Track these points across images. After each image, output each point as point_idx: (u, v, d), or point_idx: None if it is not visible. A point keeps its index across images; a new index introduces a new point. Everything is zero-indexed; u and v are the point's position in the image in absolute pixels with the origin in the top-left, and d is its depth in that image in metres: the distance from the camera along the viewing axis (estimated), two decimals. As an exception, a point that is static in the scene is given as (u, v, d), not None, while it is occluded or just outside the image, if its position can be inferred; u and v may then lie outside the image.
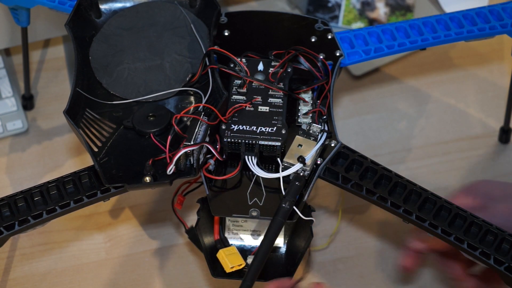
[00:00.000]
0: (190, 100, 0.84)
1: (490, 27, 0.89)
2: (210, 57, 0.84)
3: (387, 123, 1.04)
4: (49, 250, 0.93)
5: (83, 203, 0.79)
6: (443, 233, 0.78)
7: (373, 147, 1.02)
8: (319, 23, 0.89)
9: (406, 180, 0.80)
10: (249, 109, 0.81)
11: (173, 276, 0.91)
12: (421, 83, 1.08)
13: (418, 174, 0.99)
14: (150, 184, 0.77)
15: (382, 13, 1.11)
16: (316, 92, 0.84)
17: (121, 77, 0.85)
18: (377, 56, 0.88)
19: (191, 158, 0.77)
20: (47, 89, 1.06)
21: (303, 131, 0.81)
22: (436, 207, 0.78)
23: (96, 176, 0.79)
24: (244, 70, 0.83)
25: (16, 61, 1.08)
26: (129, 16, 0.89)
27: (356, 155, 0.80)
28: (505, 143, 1.03)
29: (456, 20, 0.90)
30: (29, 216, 0.78)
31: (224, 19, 0.89)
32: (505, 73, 1.09)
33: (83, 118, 0.82)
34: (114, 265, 0.92)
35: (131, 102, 0.84)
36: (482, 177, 0.99)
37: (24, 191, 0.79)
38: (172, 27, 0.88)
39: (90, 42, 0.87)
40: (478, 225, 0.78)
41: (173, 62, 0.86)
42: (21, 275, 0.91)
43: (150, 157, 0.77)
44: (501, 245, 0.77)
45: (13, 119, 1.02)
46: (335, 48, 0.87)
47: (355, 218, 0.96)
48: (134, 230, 0.94)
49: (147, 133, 0.80)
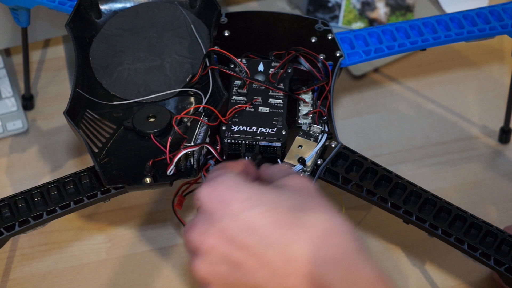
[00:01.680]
0: (190, 100, 0.84)
1: (490, 27, 0.89)
2: (210, 58, 0.84)
3: (387, 123, 1.04)
4: (49, 251, 0.93)
5: (83, 204, 0.79)
6: (443, 234, 0.78)
7: (373, 147, 1.02)
8: (319, 23, 0.89)
9: (406, 181, 0.80)
10: (249, 110, 0.81)
11: (173, 276, 0.91)
12: (421, 83, 1.08)
13: (418, 174, 0.99)
14: (151, 185, 0.77)
15: (382, 13, 1.11)
16: (316, 92, 0.85)
17: (121, 77, 0.85)
18: (378, 56, 0.88)
19: (191, 159, 0.77)
20: (47, 89, 1.06)
21: (303, 132, 0.81)
22: (436, 208, 0.78)
23: (96, 177, 0.79)
24: (244, 71, 0.83)
25: (16, 61, 1.08)
26: (129, 16, 0.89)
27: (356, 156, 0.80)
28: (505, 143, 1.03)
29: (456, 21, 0.90)
30: (29, 217, 0.78)
31: (224, 20, 0.89)
32: (505, 73, 1.09)
33: (83, 119, 0.82)
34: (114, 265, 0.92)
35: (131, 102, 0.84)
36: (482, 177, 0.99)
37: (24, 192, 0.79)
38: (172, 28, 0.88)
39: (90, 42, 0.87)
40: (478, 226, 0.78)
41: (173, 63, 0.86)
42: (21, 276, 0.91)
43: (150, 158, 0.77)
44: (501, 246, 0.77)
45: (13, 119, 1.02)
46: (335, 48, 0.87)
47: (355, 219, 0.96)
48: (134, 230, 0.94)
49: (147, 134, 0.80)
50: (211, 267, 0.64)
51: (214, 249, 0.63)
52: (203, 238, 0.64)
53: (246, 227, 0.62)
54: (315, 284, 0.61)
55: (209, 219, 0.64)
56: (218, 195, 0.64)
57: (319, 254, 0.61)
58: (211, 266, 0.64)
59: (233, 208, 0.63)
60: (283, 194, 0.64)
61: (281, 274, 0.62)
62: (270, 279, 0.62)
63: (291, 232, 0.62)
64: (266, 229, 0.62)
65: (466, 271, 0.92)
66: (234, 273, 0.63)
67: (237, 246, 0.63)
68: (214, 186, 0.64)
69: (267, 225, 0.62)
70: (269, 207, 0.63)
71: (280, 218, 0.62)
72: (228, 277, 0.64)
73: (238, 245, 0.63)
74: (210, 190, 0.64)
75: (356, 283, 0.61)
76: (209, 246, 0.63)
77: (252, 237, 0.62)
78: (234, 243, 0.63)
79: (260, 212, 0.63)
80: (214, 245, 0.63)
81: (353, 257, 0.62)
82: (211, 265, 0.64)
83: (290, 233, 0.62)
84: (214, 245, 0.63)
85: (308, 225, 0.62)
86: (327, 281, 0.61)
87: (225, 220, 0.63)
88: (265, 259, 0.62)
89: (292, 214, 0.63)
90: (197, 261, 0.64)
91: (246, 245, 0.62)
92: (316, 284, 0.61)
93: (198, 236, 0.64)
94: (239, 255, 0.63)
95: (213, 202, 0.64)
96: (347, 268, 0.61)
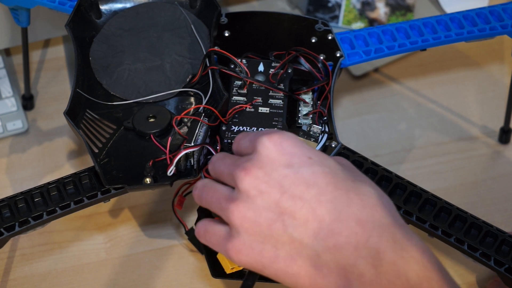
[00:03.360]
0: (190, 101, 0.84)
1: (491, 27, 0.89)
2: (211, 58, 0.84)
3: (387, 123, 1.04)
4: (49, 251, 0.93)
5: (84, 204, 0.79)
6: (444, 235, 0.78)
7: (373, 147, 1.02)
8: (320, 23, 0.89)
9: (406, 181, 0.80)
10: (249, 110, 0.81)
11: (173, 276, 0.91)
12: (421, 83, 1.08)
13: (418, 174, 0.99)
14: (151, 185, 0.77)
15: (382, 13, 1.11)
16: (316, 93, 0.84)
17: (121, 78, 0.85)
18: (378, 56, 0.88)
19: (191, 159, 0.77)
20: (47, 89, 1.06)
21: (303, 132, 0.81)
22: (437, 209, 0.79)
23: (96, 177, 0.79)
24: (244, 71, 0.83)
25: (16, 61, 1.08)
26: (129, 16, 0.89)
27: (356, 156, 0.80)
28: (505, 143, 1.03)
29: (456, 21, 0.90)
30: (30, 217, 0.78)
31: (225, 20, 0.89)
32: (505, 73, 1.09)
33: (83, 119, 0.82)
34: (114, 266, 0.92)
35: (131, 103, 0.84)
36: (482, 178, 0.99)
37: (24, 192, 0.79)
38: (172, 28, 0.88)
39: (90, 42, 0.87)
40: (479, 226, 0.78)
41: (173, 63, 0.86)
42: (21, 276, 0.91)
43: (151, 158, 0.77)
44: (501, 247, 0.77)
45: (13, 119, 1.02)
46: (336, 48, 0.87)
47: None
48: (134, 231, 0.94)
49: (147, 134, 0.80)
50: (255, 212, 0.64)
51: (266, 194, 0.64)
52: (258, 182, 0.64)
53: (305, 181, 0.63)
54: (361, 245, 0.62)
55: (267, 166, 0.64)
56: (281, 147, 0.65)
57: (369, 220, 0.62)
58: (255, 211, 0.64)
59: (295, 162, 0.64)
60: (338, 164, 0.66)
61: (329, 230, 0.62)
62: (317, 233, 0.63)
63: (346, 195, 0.63)
64: (324, 186, 0.63)
65: (466, 271, 0.92)
66: (279, 222, 0.63)
67: (291, 195, 0.63)
68: (278, 139, 0.65)
69: (325, 183, 0.63)
70: (329, 170, 0.64)
71: (338, 181, 0.64)
72: (268, 225, 0.63)
73: (293, 195, 0.63)
74: (274, 141, 0.65)
75: (404, 248, 0.61)
76: (261, 191, 0.64)
77: (310, 191, 0.63)
78: (288, 193, 0.63)
79: (321, 171, 0.64)
80: (267, 190, 0.64)
81: (400, 228, 0.63)
82: (256, 210, 0.64)
83: (345, 196, 0.63)
84: (267, 190, 0.64)
85: (361, 193, 0.64)
86: (375, 242, 0.61)
87: (285, 170, 0.64)
88: (318, 212, 0.63)
89: (347, 181, 0.64)
90: (239, 202, 0.64)
91: (301, 197, 0.63)
92: (362, 245, 0.62)
93: (253, 179, 0.64)
94: (291, 204, 0.63)
95: (275, 152, 0.65)
96: (395, 235, 0.62)
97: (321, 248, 0.62)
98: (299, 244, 0.63)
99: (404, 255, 0.61)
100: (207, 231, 0.68)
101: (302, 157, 0.65)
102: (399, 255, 0.61)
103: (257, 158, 0.65)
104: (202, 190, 0.69)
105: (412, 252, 0.62)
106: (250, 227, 0.64)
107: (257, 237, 0.64)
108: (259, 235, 0.64)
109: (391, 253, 0.61)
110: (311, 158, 0.65)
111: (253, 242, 0.64)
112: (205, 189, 0.68)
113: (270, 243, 0.64)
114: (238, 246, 0.65)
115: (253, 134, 0.67)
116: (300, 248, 0.63)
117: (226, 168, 0.67)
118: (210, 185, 0.68)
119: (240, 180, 0.64)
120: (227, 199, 0.65)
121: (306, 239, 0.63)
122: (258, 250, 0.64)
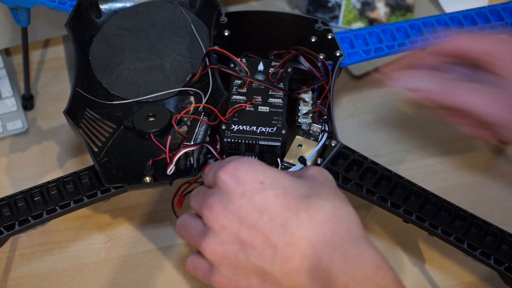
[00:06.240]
0: (190, 100, 0.84)
1: (491, 27, 0.89)
2: (210, 57, 0.84)
3: (387, 123, 1.04)
4: (49, 250, 0.93)
5: (83, 203, 0.79)
6: (443, 233, 0.78)
7: (373, 147, 1.02)
8: (319, 23, 0.89)
9: (406, 180, 0.80)
10: (249, 109, 0.81)
11: (173, 276, 0.91)
12: (421, 83, 1.08)
13: (418, 174, 0.99)
14: (150, 184, 0.77)
15: (382, 13, 1.11)
16: (316, 92, 0.85)
17: (121, 77, 0.85)
18: (377, 56, 0.88)
19: (191, 158, 0.77)
20: (47, 89, 1.06)
21: (303, 131, 0.81)
22: (436, 207, 0.79)
23: (96, 176, 0.79)
24: (244, 70, 0.84)
25: (16, 61, 1.08)
26: (129, 16, 0.89)
27: (356, 155, 0.80)
28: (505, 143, 1.03)
29: (456, 20, 0.90)
30: (29, 216, 0.78)
31: (224, 19, 0.89)
32: (505, 73, 1.09)
33: (83, 118, 0.82)
34: (114, 265, 0.92)
35: (131, 102, 0.84)
36: (482, 177, 0.99)
37: (24, 191, 0.79)
38: (172, 27, 0.88)
39: (90, 42, 0.87)
40: (478, 225, 0.78)
41: (173, 62, 0.86)
42: (21, 275, 0.91)
43: (150, 157, 0.77)
44: (501, 245, 0.77)
45: (13, 119, 1.02)
46: (335, 48, 0.87)
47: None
48: (134, 230, 0.94)
49: (147, 133, 0.80)
50: (222, 246, 0.65)
51: (227, 228, 0.65)
52: (219, 217, 0.66)
53: (257, 208, 0.64)
54: (314, 267, 0.62)
55: (225, 199, 0.66)
56: (235, 177, 0.66)
57: (319, 238, 0.63)
58: (221, 245, 0.65)
59: (248, 190, 0.65)
60: (296, 182, 0.66)
61: (283, 256, 0.63)
62: (273, 260, 0.64)
63: (296, 216, 0.64)
64: (275, 210, 0.64)
65: (466, 271, 0.91)
66: (242, 253, 0.65)
67: (248, 226, 0.64)
68: (233, 169, 0.66)
69: (276, 207, 0.64)
70: (281, 191, 0.65)
71: (289, 202, 0.64)
72: (236, 257, 0.65)
73: (249, 225, 0.64)
74: (229, 172, 0.66)
75: (356, 267, 0.61)
76: (223, 225, 0.65)
77: (262, 218, 0.64)
78: (245, 223, 0.65)
79: (272, 195, 0.65)
80: (228, 224, 0.65)
81: (353, 243, 0.63)
82: (222, 245, 0.65)
83: (295, 217, 0.64)
84: (228, 224, 0.65)
85: (313, 211, 0.64)
86: (326, 264, 0.62)
87: (240, 200, 0.65)
88: (271, 239, 0.64)
89: (300, 199, 0.65)
90: (208, 239, 0.66)
91: (256, 225, 0.64)
92: (315, 268, 0.62)
93: (214, 215, 0.66)
94: (248, 234, 0.64)
95: (230, 184, 0.66)
96: (347, 252, 0.62)
97: (279, 275, 0.64)
98: (263, 272, 0.64)
99: (355, 276, 0.61)
100: (195, 266, 0.70)
101: (254, 184, 0.66)
102: (350, 277, 0.61)
103: (217, 193, 0.67)
104: (181, 228, 0.72)
105: (365, 270, 0.61)
106: (222, 261, 0.66)
107: (231, 269, 0.66)
108: (231, 267, 0.66)
109: (342, 275, 0.61)
110: (262, 183, 0.66)
111: (229, 274, 0.66)
112: (182, 227, 0.71)
113: (242, 273, 0.66)
114: (219, 279, 0.67)
115: (215, 167, 0.68)
116: (265, 275, 0.65)
117: (197, 205, 0.69)
118: (187, 221, 0.71)
119: (205, 217, 0.67)
120: (200, 235, 0.68)
121: (266, 267, 0.64)
122: (235, 281, 0.66)
